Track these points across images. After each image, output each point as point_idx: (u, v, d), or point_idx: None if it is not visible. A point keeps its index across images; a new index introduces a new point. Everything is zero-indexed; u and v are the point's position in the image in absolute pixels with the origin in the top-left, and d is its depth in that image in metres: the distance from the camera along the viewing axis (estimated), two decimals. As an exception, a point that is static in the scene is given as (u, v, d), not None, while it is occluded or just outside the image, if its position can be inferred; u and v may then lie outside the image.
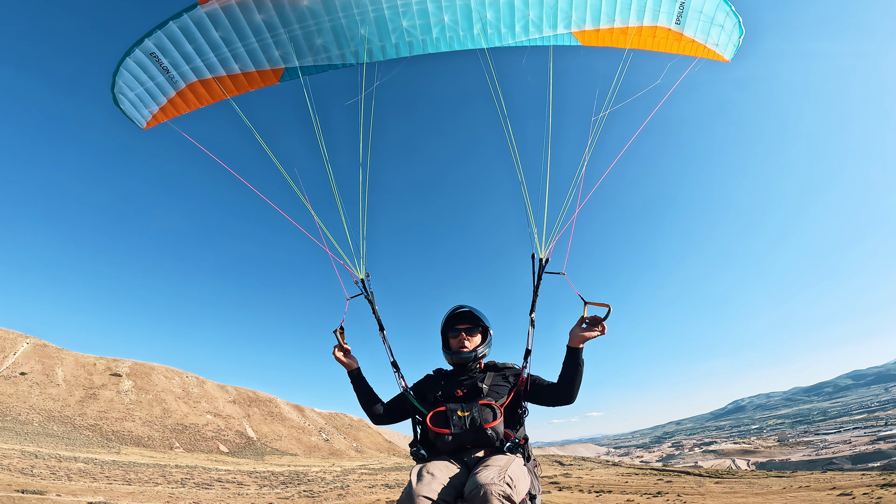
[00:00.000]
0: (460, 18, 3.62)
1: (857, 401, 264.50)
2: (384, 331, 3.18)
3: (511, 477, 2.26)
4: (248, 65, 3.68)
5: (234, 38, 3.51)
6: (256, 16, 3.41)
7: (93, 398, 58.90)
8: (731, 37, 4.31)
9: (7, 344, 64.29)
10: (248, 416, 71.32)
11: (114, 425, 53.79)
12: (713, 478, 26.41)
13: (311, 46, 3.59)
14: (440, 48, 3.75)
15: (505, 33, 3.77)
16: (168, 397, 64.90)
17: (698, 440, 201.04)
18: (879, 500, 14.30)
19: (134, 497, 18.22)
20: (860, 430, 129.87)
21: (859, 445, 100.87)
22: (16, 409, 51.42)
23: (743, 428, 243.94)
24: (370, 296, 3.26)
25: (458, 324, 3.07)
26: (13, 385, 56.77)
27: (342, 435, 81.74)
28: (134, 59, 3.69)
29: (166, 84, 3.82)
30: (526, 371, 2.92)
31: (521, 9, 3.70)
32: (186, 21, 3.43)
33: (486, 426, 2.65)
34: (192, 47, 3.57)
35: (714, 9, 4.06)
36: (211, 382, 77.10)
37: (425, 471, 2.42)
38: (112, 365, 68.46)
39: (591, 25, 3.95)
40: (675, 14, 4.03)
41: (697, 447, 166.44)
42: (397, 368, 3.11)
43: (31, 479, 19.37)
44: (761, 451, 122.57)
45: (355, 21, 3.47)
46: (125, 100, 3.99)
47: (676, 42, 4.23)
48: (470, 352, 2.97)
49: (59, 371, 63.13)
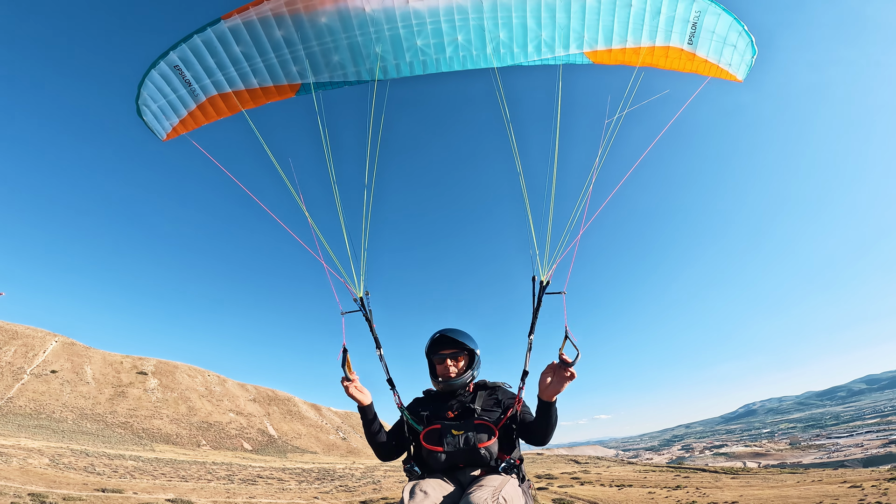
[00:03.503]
0: (474, 38, 3.70)
1: (870, 405, 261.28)
2: (381, 349, 3.17)
3: (505, 497, 2.28)
4: (266, 79, 3.77)
5: (254, 53, 3.61)
6: (277, 32, 3.52)
7: (122, 396, 60.99)
8: (744, 57, 4.36)
9: (36, 342, 66.31)
10: (269, 414, 73.20)
11: (143, 423, 55.80)
12: (729, 474, 27.67)
13: (327, 63, 3.68)
14: (453, 67, 3.84)
15: (517, 53, 3.84)
16: (192, 395, 66.91)
17: (708, 443, 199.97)
18: (886, 490, 15.68)
19: (197, 493, 19.44)
20: (872, 434, 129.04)
21: (871, 449, 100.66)
22: (49, 407, 53.46)
23: (754, 431, 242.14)
24: (369, 314, 3.27)
25: (442, 349, 3.04)
26: (45, 383, 58.94)
27: (358, 434, 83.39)
28: (158, 71, 3.77)
29: (188, 97, 3.89)
30: (523, 392, 2.90)
31: (534, 29, 3.76)
32: (210, 35, 3.53)
33: (480, 445, 2.67)
34: (214, 61, 3.66)
35: (727, 29, 4.13)
36: (232, 381, 79.04)
37: (418, 488, 2.45)
38: (138, 363, 70.53)
39: (603, 46, 4.01)
40: (687, 34, 4.08)
41: (707, 450, 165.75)
42: (393, 386, 3.10)
43: (100, 478, 20.47)
44: (772, 454, 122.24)
45: (371, 39, 3.56)
46: (148, 111, 4.07)
47: (689, 62, 4.28)
48: (456, 379, 2.96)
49: (87, 369, 65.24)
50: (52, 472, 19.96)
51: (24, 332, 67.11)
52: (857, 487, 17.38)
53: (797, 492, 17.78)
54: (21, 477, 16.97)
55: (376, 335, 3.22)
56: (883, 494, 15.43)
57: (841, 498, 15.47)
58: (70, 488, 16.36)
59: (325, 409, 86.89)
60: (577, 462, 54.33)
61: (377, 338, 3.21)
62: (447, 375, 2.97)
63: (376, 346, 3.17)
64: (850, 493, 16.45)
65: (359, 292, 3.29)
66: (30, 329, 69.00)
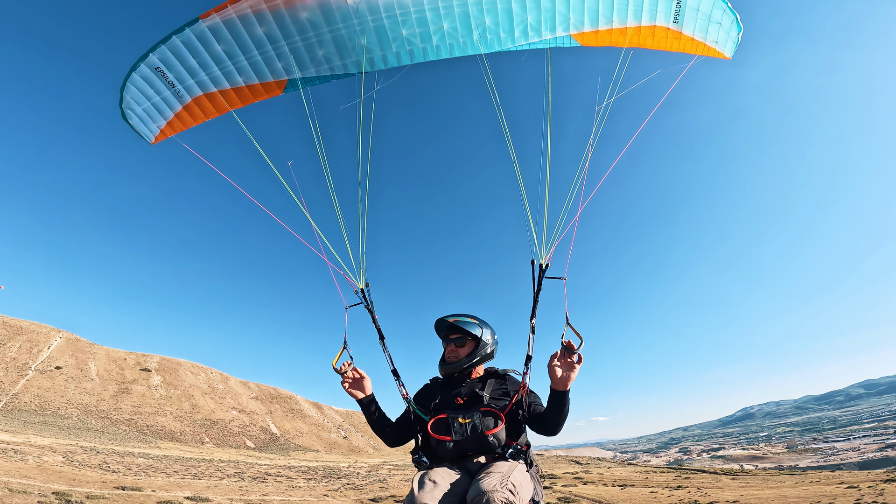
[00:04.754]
0: (459, 25, 3.66)
1: (868, 410, 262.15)
2: (384, 340, 3.19)
3: (514, 483, 2.28)
4: (251, 77, 3.75)
5: (236, 52, 3.57)
6: (258, 29, 3.47)
7: (126, 393, 61.28)
8: (730, 34, 4.37)
9: (41, 338, 66.47)
10: (271, 412, 73.62)
11: (147, 420, 56.13)
12: (728, 475, 28.26)
13: (312, 58, 3.64)
14: (440, 55, 3.80)
15: (504, 38, 3.82)
16: (195, 393, 67.29)
17: (706, 446, 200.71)
18: (883, 490, 16.26)
19: (212, 491, 19.61)
20: (869, 438, 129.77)
21: (867, 452, 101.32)
22: (54, 404, 53.72)
23: (751, 435, 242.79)
24: (370, 305, 3.28)
25: (450, 334, 3.09)
26: (50, 379, 59.23)
27: (359, 432, 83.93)
28: (140, 73, 3.73)
29: (172, 98, 3.84)
30: (528, 378, 2.90)
31: (520, 14, 3.73)
32: (189, 35, 3.49)
33: (488, 433, 2.66)
34: (196, 61, 3.61)
35: (711, 6, 4.12)
36: (234, 379, 79.42)
37: (427, 478, 2.45)
38: (141, 360, 70.76)
39: (589, 27, 3.98)
40: (672, 13, 4.06)
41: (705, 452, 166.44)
42: (398, 377, 3.09)
43: (116, 476, 20.47)
44: (769, 457, 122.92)
45: (355, 31, 3.53)
46: (133, 115, 4.04)
47: (676, 41, 4.27)
48: (454, 362, 2.97)
49: (91, 365, 65.48)
50: (69, 469, 20.03)
51: (29, 327, 67.33)
52: (853, 488, 17.97)
53: (796, 492, 18.35)
54: (41, 475, 17.12)
55: (378, 326, 3.22)
56: (879, 494, 16.01)
57: (839, 498, 16.04)
58: (90, 486, 16.56)
59: (326, 408, 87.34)
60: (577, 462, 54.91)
61: (380, 328, 3.21)
62: (450, 359, 3.02)
63: (379, 338, 3.19)
64: (847, 494, 17.03)
65: (359, 283, 3.31)
66: (34, 324, 69.16)
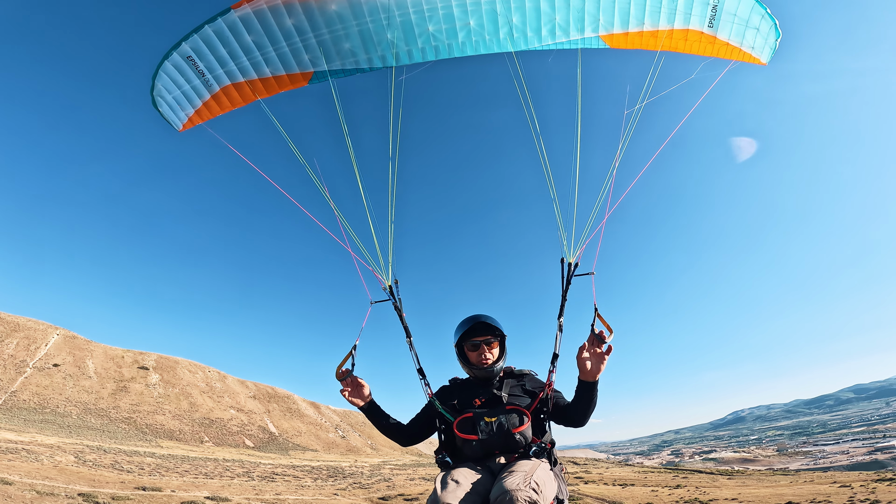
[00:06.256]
0: (486, 22, 3.64)
1: (857, 414, 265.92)
2: (411, 338, 3.15)
3: (537, 482, 2.26)
4: (279, 68, 3.76)
5: (265, 42, 3.61)
6: (287, 20, 3.49)
7: (124, 391, 61.12)
8: (768, 40, 4.23)
9: (38, 335, 65.93)
10: (269, 411, 73.68)
11: (146, 418, 56.07)
12: (725, 475, 29.10)
13: (339, 51, 3.65)
14: (466, 52, 3.77)
15: (531, 37, 3.76)
16: (193, 391, 67.17)
17: (697, 449, 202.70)
18: (875, 489, 17.10)
19: (228, 490, 19.89)
20: (858, 442, 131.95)
21: (857, 456, 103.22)
22: (53, 402, 53.49)
23: (742, 438, 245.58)
24: (398, 303, 3.23)
25: (477, 336, 2.97)
26: (48, 377, 58.95)
27: (357, 432, 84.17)
28: (172, 62, 3.80)
29: (202, 87, 3.91)
30: (554, 376, 2.88)
31: (548, 13, 3.69)
32: (221, 25, 3.55)
33: (515, 431, 2.65)
34: (226, 51, 3.67)
35: (749, 11, 4.00)
36: (232, 377, 79.35)
37: (450, 478, 2.43)
38: (139, 358, 70.53)
39: (619, 29, 3.92)
40: (707, 17, 3.96)
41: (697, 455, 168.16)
42: (423, 375, 3.06)
43: (131, 476, 20.61)
44: (760, 460, 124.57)
45: (382, 26, 3.52)
46: (163, 102, 4.12)
47: (710, 45, 4.16)
48: (491, 366, 2.93)
49: (89, 363, 65.16)
50: (86, 470, 20.03)
51: (26, 324, 67.03)
52: (846, 487, 18.79)
53: (791, 491, 19.14)
54: (61, 476, 17.01)
55: (406, 324, 3.19)
56: (871, 493, 16.82)
57: (833, 496, 16.84)
58: (112, 487, 16.64)
59: (323, 407, 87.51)
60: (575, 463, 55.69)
61: (407, 327, 3.18)
62: (483, 363, 2.92)
63: (406, 336, 3.16)
64: (840, 492, 17.82)
65: (388, 281, 3.28)
66: (31, 321, 68.77)
